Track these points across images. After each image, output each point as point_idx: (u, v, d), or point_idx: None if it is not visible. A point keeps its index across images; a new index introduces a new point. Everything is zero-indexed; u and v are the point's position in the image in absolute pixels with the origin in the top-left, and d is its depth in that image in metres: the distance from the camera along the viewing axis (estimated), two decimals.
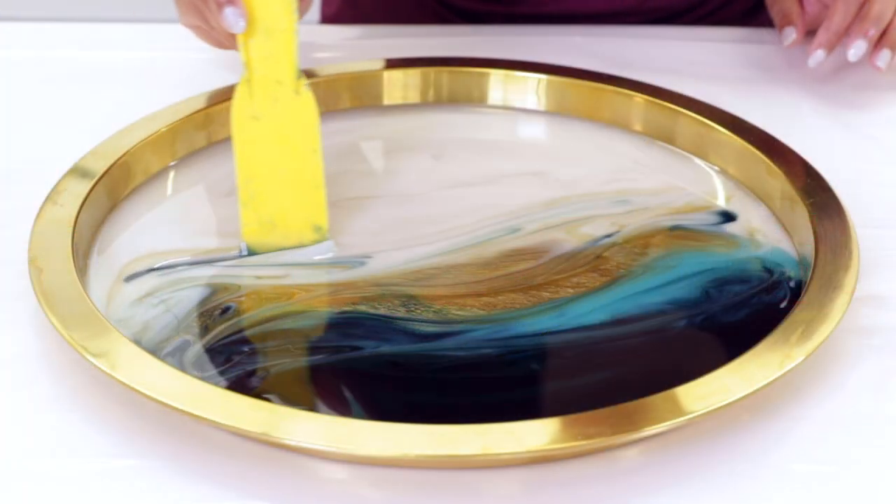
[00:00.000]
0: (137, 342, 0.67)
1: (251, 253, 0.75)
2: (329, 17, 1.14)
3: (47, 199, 0.76)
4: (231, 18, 0.72)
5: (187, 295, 0.72)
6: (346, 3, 1.12)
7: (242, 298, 0.72)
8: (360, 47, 0.99)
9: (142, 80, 0.94)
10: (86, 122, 0.87)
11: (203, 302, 0.72)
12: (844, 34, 0.93)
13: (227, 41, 0.82)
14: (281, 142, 0.74)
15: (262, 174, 0.75)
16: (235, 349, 0.68)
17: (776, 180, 0.80)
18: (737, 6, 1.10)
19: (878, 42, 0.92)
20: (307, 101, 0.74)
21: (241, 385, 0.65)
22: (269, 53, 0.73)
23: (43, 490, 0.61)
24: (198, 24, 0.82)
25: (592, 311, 0.71)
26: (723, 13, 1.09)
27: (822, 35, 0.92)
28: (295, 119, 0.74)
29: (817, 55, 0.92)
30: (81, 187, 0.77)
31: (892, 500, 0.61)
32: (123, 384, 0.63)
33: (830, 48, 0.93)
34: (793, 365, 0.64)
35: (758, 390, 0.63)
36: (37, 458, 0.62)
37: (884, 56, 0.91)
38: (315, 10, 1.17)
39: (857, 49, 0.91)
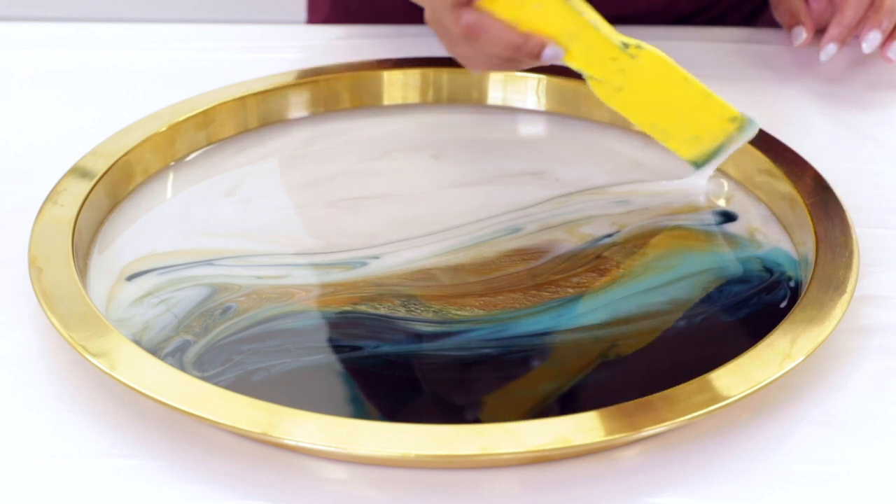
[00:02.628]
0: (137, 342, 0.67)
1: (699, 165, 0.80)
2: (317, 24, 1.13)
3: (47, 199, 0.76)
4: (552, 57, 0.74)
5: (187, 295, 0.72)
6: (335, 11, 1.11)
7: (242, 298, 0.72)
8: (355, 47, 0.99)
9: (142, 80, 0.94)
10: (86, 122, 0.87)
11: (203, 302, 0.72)
12: (857, 27, 0.93)
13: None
14: (653, 89, 0.78)
15: (659, 116, 0.79)
16: (235, 349, 0.68)
17: (776, 180, 0.80)
18: (741, 10, 1.09)
19: (891, 34, 0.92)
20: (647, 56, 0.76)
21: (241, 385, 0.65)
22: (587, 49, 0.75)
23: (43, 490, 0.61)
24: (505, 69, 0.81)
25: (592, 311, 0.71)
26: (729, 17, 1.09)
27: (833, 29, 0.92)
28: (649, 71, 0.77)
29: (829, 49, 0.92)
30: (81, 187, 0.77)
31: (892, 500, 0.61)
32: (123, 384, 0.63)
33: (842, 42, 0.93)
34: (793, 365, 0.64)
35: (758, 390, 0.63)
36: (37, 458, 0.62)
37: None
38: (300, 12, 1.17)
39: (871, 41, 0.91)
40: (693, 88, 0.78)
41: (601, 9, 1.03)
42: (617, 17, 1.03)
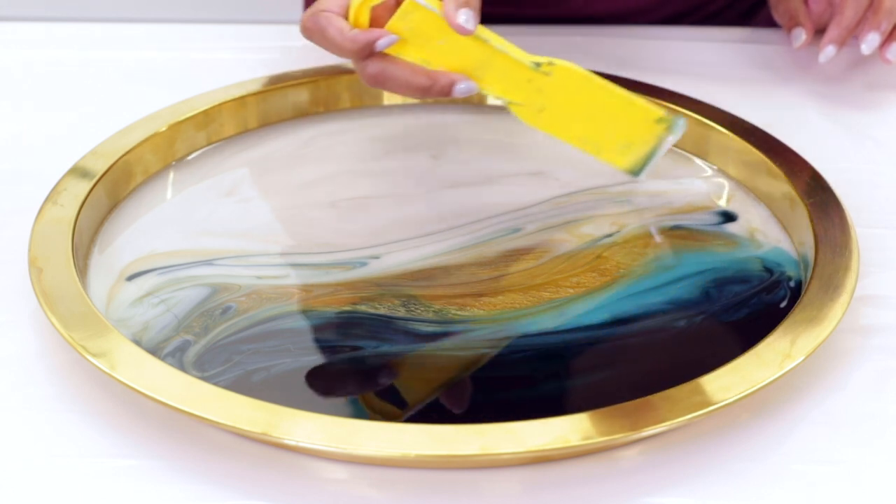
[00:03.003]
0: (137, 342, 0.67)
1: (637, 173, 0.78)
2: None
3: (47, 199, 0.76)
4: (464, 92, 0.73)
5: (187, 295, 0.72)
6: None
7: (242, 298, 0.72)
8: None
9: (142, 80, 0.94)
10: (86, 122, 0.87)
11: (203, 302, 0.72)
12: (856, 29, 0.93)
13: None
14: (574, 104, 0.76)
15: (586, 129, 0.77)
16: (235, 349, 0.68)
17: (776, 180, 0.80)
18: (736, 8, 1.09)
19: (890, 35, 0.92)
20: (561, 71, 0.75)
21: (241, 385, 0.65)
22: (500, 76, 0.74)
23: (43, 490, 0.61)
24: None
25: (592, 311, 0.71)
26: (725, 15, 1.09)
27: (833, 30, 0.92)
28: (566, 86, 0.76)
29: (828, 51, 0.92)
30: (81, 187, 0.77)
31: (892, 500, 0.61)
32: (123, 384, 0.63)
33: (842, 43, 0.93)
34: (793, 365, 0.64)
35: (758, 390, 0.63)
36: (37, 458, 0.62)
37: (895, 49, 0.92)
38: (296, 12, 1.16)
39: (869, 42, 0.91)
40: (613, 96, 0.76)
41: (599, 5, 1.03)
42: (612, 14, 1.03)
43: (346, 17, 0.73)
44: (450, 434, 0.60)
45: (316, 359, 0.68)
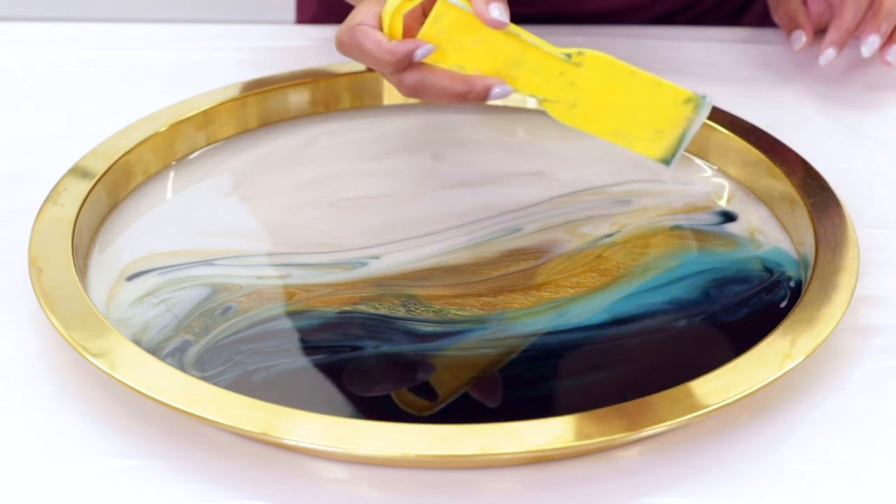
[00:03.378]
0: (137, 342, 0.67)
1: (668, 161, 0.77)
2: (305, 23, 1.13)
3: (47, 199, 0.76)
4: (500, 95, 0.73)
5: (187, 295, 0.72)
6: (321, 9, 1.11)
7: (243, 298, 0.72)
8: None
9: (142, 80, 0.94)
10: (86, 122, 0.87)
11: (203, 302, 0.72)
12: (855, 31, 0.93)
13: None
14: (605, 95, 0.76)
15: (618, 121, 0.77)
16: (235, 349, 0.68)
17: (776, 180, 0.80)
18: (726, 7, 1.09)
19: (890, 37, 0.92)
20: (591, 59, 0.75)
21: (241, 385, 0.65)
22: (533, 71, 0.74)
23: (43, 490, 0.61)
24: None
25: (592, 311, 0.71)
26: (714, 13, 1.09)
27: (832, 33, 0.93)
28: (596, 77, 0.75)
29: (828, 54, 0.92)
30: (81, 187, 0.77)
31: (892, 500, 0.61)
32: (123, 384, 0.63)
33: (842, 46, 0.93)
34: (793, 365, 0.64)
35: (758, 390, 0.63)
36: (37, 458, 0.62)
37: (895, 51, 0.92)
38: (290, 11, 1.17)
39: (870, 45, 0.92)
40: (643, 80, 0.77)
41: (589, 3, 1.03)
42: (602, 12, 1.03)
43: (380, 28, 0.73)
44: (450, 434, 0.60)
45: (316, 359, 0.68)
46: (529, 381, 0.67)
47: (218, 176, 0.83)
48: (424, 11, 0.73)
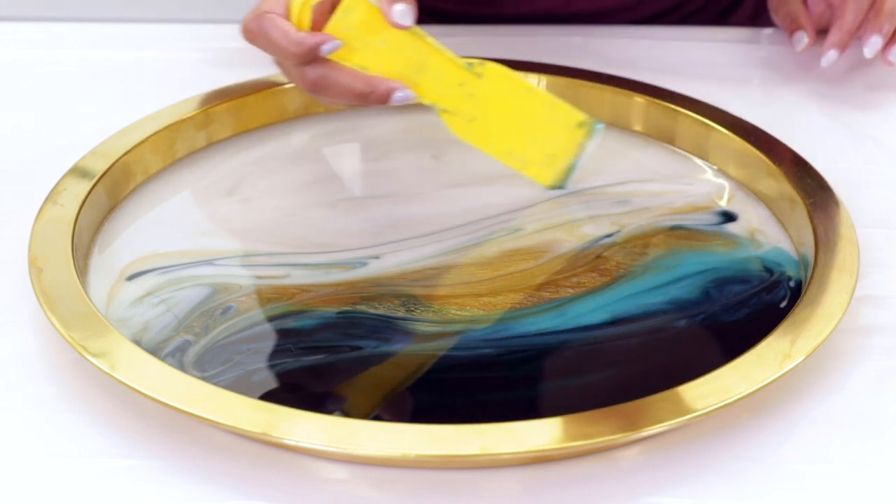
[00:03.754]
0: (137, 342, 0.67)
1: (561, 187, 0.79)
2: None
3: (47, 199, 0.76)
4: (402, 100, 0.73)
5: (187, 295, 0.72)
6: None
7: (243, 298, 0.72)
8: None
9: (142, 80, 0.94)
10: (86, 122, 0.87)
11: (203, 302, 0.72)
12: (857, 33, 0.93)
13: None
14: (503, 111, 0.77)
15: (513, 141, 0.77)
16: (235, 349, 0.68)
17: (776, 180, 0.80)
18: (713, 7, 1.09)
19: (892, 38, 0.92)
20: (491, 71, 0.75)
21: (241, 385, 0.65)
22: (436, 78, 0.74)
23: (43, 490, 0.61)
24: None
25: (592, 311, 0.71)
26: (702, 13, 1.09)
27: (834, 35, 0.93)
28: (496, 90, 0.76)
29: (830, 55, 0.93)
30: (81, 187, 0.77)
31: (892, 499, 0.61)
32: (123, 384, 0.63)
33: (843, 48, 0.93)
34: (793, 365, 0.64)
35: (758, 390, 0.63)
36: (37, 458, 0.62)
37: None
38: None
39: (872, 46, 0.92)
40: (539, 98, 0.77)
41: (577, 4, 1.03)
42: (590, 13, 1.03)
43: (288, 18, 0.72)
44: (450, 434, 0.60)
45: (316, 359, 0.68)
46: (529, 381, 0.67)
47: (218, 176, 0.83)
48: (333, 7, 0.73)
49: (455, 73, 0.75)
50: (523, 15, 1.03)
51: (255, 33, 0.73)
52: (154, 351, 0.67)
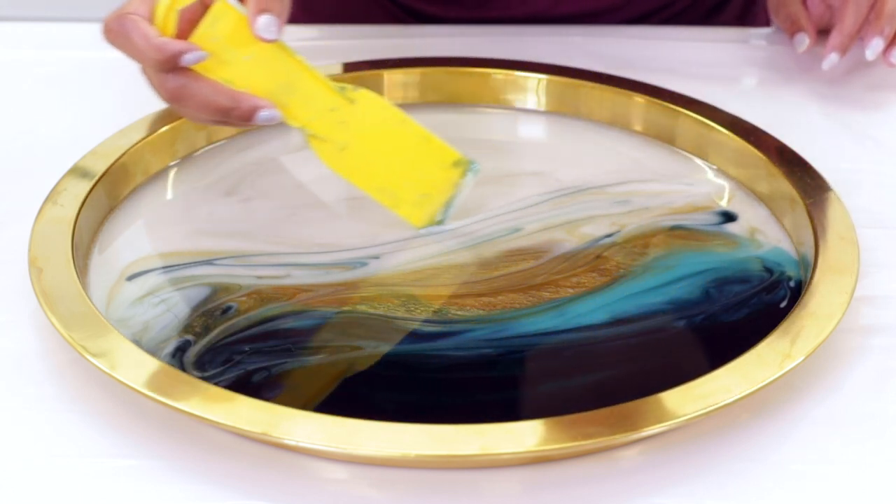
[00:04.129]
0: (137, 342, 0.67)
1: (439, 223, 0.77)
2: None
3: (47, 199, 0.76)
4: (267, 119, 0.70)
5: (187, 295, 0.72)
6: (300, 9, 1.11)
7: (243, 298, 0.72)
8: (329, 48, 0.98)
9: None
10: (86, 122, 0.87)
11: (203, 302, 0.72)
12: (857, 35, 0.93)
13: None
14: (376, 142, 0.75)
15: (385, 176, 0.75)
16: (235, 349, 0.68)
17: (776, 180, 0.80)
18: (700, 7, 1.09)
19: (893, 39, 0.92)
20: (364, 98, 0.74)
21: (241, 385, 0.65)
22: (306, 101, 0.72)
23: (43, 490, 0.61)
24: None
25: (592, 311, 0.71)
26: (689, 13, 1.09)
27: (835, 38, 0.93)
28: (369, 119, 0.74)
29: (831, 58, 0.93)
30: (81, 187, 0.77)
31: (892, 499, 0.61)
32: (123, 384, 0.63)
33: (844, 50, 0.93)
34: (793, 365, 0.64)
35: (757, 390, 0.63)
36: (37, 458, 0.62)
37: None
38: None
39: (874, 48, 0.92)
40: (413, 132, 0.74)
41: (565, 6, 1.03)
42: (577, 15, 1.03)
43: (152, 21, 0.69)
44: (450, 434, 0.60)
45: (316, 359, 0.68)
46: (530, 381, 0.67)
47: (218, 176, 0.83)
48: (203, 14, 0.70)
49: (326, 96, 0.72)
50: (511, 18, 1.03)
51: (116, 34, 0.70)
52: (154, 351, 0.67)
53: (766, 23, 1.13)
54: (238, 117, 0.70)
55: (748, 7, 1.12)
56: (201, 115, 0.71)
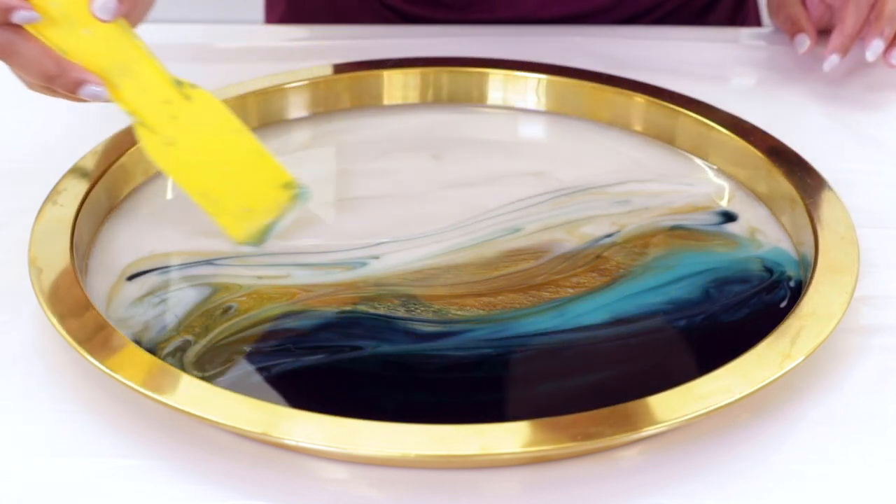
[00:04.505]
0: (137, 342, 0.67)
1: (252, 244, 0.74)
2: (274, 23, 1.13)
3: (47, 199, 0.76)
4: (91, 95, 0.68)
5: (188, 295, 0.72)
6: (290, 11, 1.11)
7: (243, 298, 0.72)
8: (321, 49, 0.98)
9: None
10: (86, 123, 0.87)
11: (203, 302, 0.72)
12: (858, 37, 0.93)
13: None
14: (206, 145, 0.72)
15: (210, 181, 0.73)
16: (235, 349, 0.68)
17: (776, 180, 0.80)
18: (690, 7, 1.09)
19: (894, 40, 0.92)
20: (201, 97, 0.71)
21: (241, 385, 0.65)
22: (141, 87, 0.70)
23: (43, 490, 0.61)
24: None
25: (592, 311, 0.71)
26: (680, 13, 1.09)
27: (835, 39, 0.93)
28: (203, 119, 0.72)
29: (832, 60, 0.93)
30: (81, 187, 0.77)
31: (892, 499, 0.61)
32: (123, 384, 0.63)
33: (845, 52, 0.93)
34: (793, 365, 0.64)
35: (758, 390, 0.63)
36: (37, 458, 0.62)
37: None
38: (258, 12, 1.17)
39: (874, 49, 0.92)
40: (247, 143, 0.72)
41: (553, 7, 1.03)
42: (564, 17, 1.03)
43: None
44: (450, 434, 0.60)
45: (316, 359, 0.68)
46: (530, 381, 0.67)
47: None
48: None
49: (161, 87, 0.70)
50: (497, 20, 1.03)
51: None
52: (154, 351, 0.67)
53: (756, 23, 1.13)
54: (63, 86, 0.68)
55: (739, 7, 1.12)
56: (27, 77, 0.69)
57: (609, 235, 0.78)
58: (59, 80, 0.68)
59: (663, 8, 1.07)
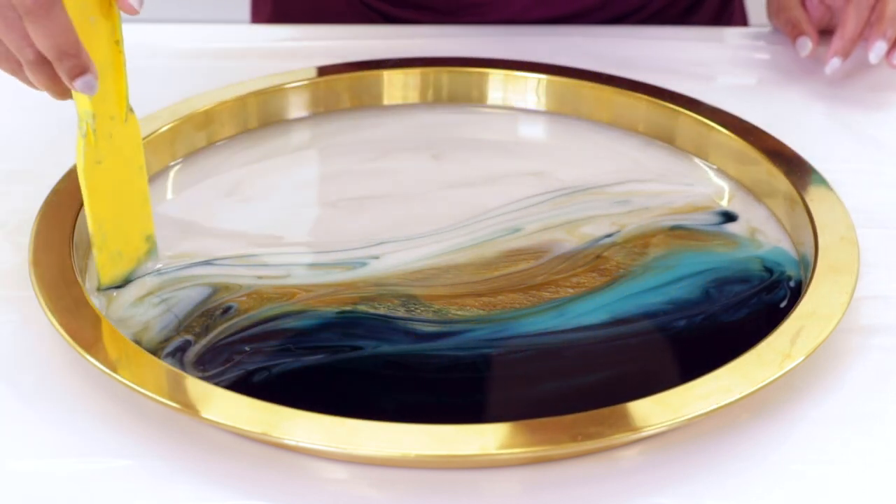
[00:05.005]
0: (137, 342, 0.67)
1: (109, 288, 0.72)
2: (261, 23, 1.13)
3: (47, 199, 0.76)
4: (84, 86, 0.65)
5: (188, 295, 0.72)
6: (276, 12, 1.11)
7: (243, 298, 0.72)
8: (309, 49, 0.98)
9: (142, 80, 0.94)
10: None
11: (204, 302, 0.72)
12: (859, 39, 0.93)
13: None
14: (118, 175, 0.71)
15: (108, 213, 0.71)
16: (236, 349, 0.68)
17: (776, 180, 0.80)
18: (676, 6, 1.09)
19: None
20: (134, 125, 0.70)
21: (241, 385, 0.65)
22: (104, 93, 0.68)
23: (43, 490, 0.61)
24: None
25: (592, 311, 0.71)
26: (666, 13, 1.09)
27: (837, 42, 0.93)
28: (124, 147, 0.71)
29: (833, 63, 0.93)
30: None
31: (892, 499, 0.61)
32: (123, 384, 0.63)
33: (846, 55, 0.93)
34: (793, 365, 0.64)
35: (758, 390, 0.63)
36: (37, 458, 0.62)
37: None
38: (244, 11, 1.17)
39: (877, 50, 0.92)
40: (142, 186, 0.71)
41: (539, 10, 1.03)
42: (551, 19, 1.03)
43: None
44: (450, 434, 0.60)
45: (316, 359, 0.68)
46: (530, 381, 0.67)
47: (218, 176, 0.83)
48: None
49: (117, 101, 0.69)
50: (484, 23, 1.03)
51: None
52: (154, 351, 0.67)
53: (742, 23, 1.13)
54: (69, 67, 0.65)
55: (724, 7, 1.12)
56: (46, 41, 0.65)
57: (609, 235, 0.78)
58: (70, 60, 0.65)
59: (648, 9, 1.07)
